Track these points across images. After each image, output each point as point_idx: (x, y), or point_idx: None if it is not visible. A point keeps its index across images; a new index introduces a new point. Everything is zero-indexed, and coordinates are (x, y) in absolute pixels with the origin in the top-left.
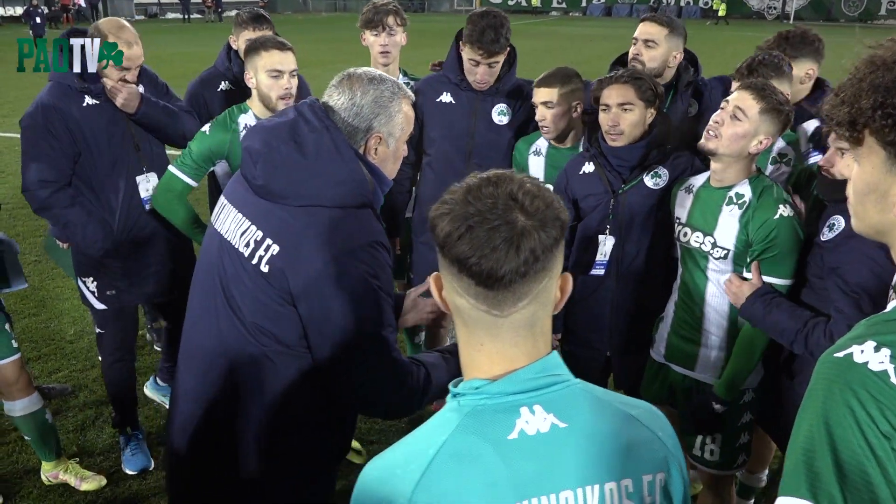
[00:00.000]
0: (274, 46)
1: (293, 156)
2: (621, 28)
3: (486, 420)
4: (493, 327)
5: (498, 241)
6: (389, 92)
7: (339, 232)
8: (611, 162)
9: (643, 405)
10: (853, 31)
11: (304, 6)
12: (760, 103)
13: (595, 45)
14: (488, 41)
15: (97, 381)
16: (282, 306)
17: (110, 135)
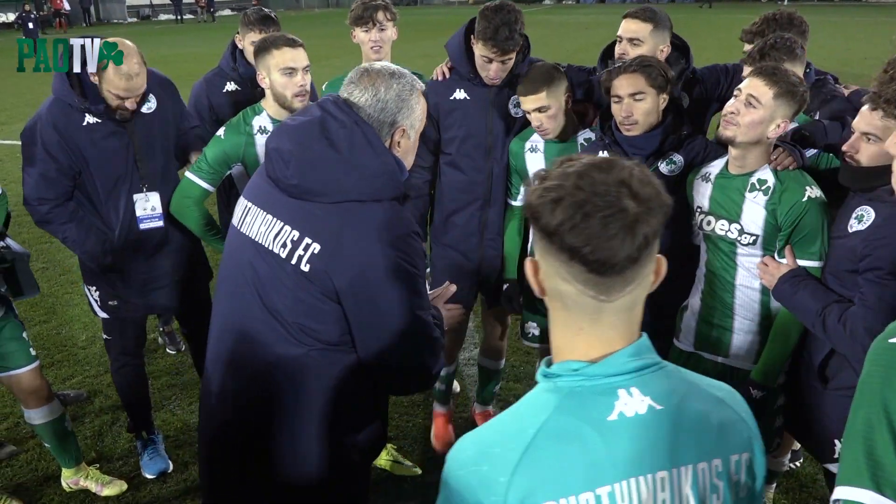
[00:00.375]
0: (285, 44)
1: (327, 152)
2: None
3: (586, 402)
4: (597, 312)
5: (614, 229)
6: (409, 86)
7: (378, 225)
8: (626, 151)
9: (726, 387)
10: (847, 11)
11: (297, 3)
12: (773, 88)
13: (590, 32)
14: (503, 39)
15: (112, 386)
16: (324, 303)
17: (111, 153)
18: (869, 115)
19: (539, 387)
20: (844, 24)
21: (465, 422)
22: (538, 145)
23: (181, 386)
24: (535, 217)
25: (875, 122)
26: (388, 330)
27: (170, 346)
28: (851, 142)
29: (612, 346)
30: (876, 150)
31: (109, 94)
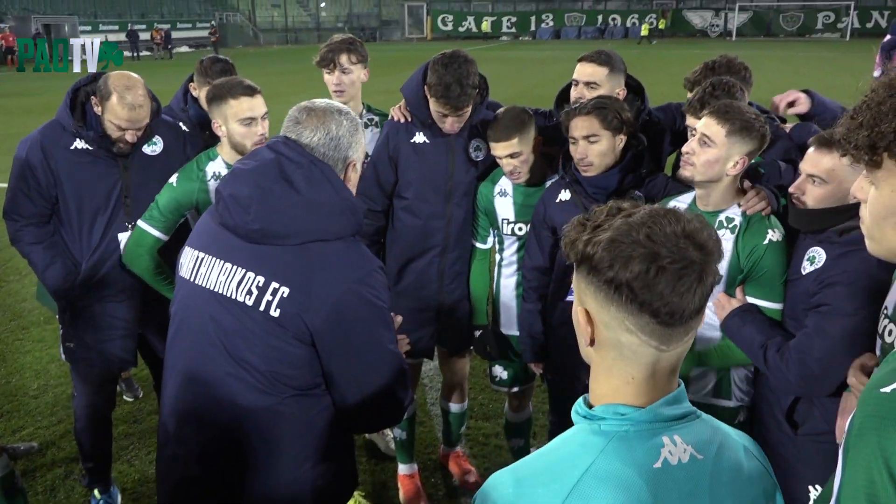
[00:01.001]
0: (242, 93)
1: (288, 194)
2: (570, 50)
3: (633, 447)
4: (654, 362)
5: (687, 282)
6: (355, 120)
7: (345, 263)
8: (586, 189)
9: (748, 438)
10: (792, 46)
11: (256, 40)
12: (726, 126)
13: (547, 67)
14: (455, 96)
15: (65, 437)
16: (297, 348)
17: (93, 183)
18: (816, 157)
19: (579, 427)
20: (790, 58)
21: (434, 464)
22: (507, 189)
23: (139, 435)
24: (596, 269)
25: (822, 165)
26: (362, 365)
27: (127, 392)
28: (798, 184)
29: (657, 393)
30: (822, 192)
31: (111, 125)
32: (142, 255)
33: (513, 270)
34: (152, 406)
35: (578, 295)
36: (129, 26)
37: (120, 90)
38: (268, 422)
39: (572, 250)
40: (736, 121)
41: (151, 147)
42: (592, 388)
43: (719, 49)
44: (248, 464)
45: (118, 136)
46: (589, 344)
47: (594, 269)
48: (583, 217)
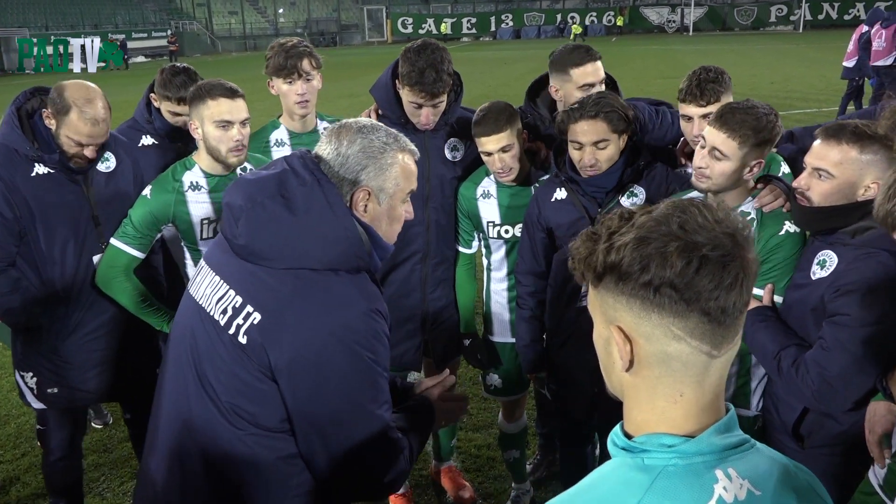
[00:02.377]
0: (222, 94)
1: (280, 212)
2: (531, 49)
3: (683, 484)
4: (705, 371)
5: (735, 271)
6: (381, 142)
7: (330, 298)
8: (584, 188)
9: (804, 468)
10: (747, 39)
11: (214, 47)
12: (736, 139)
13: (510, 67)
14: (430, 82)
15: (30, 472)
16: (262, 383)
17: (62, 208)
18: (823, 149)
19: (619, 462)
20: (747, 51)
21: (426, 481)
22: (490, 190)
23: (110, 465)
24: (627, 275)
25: (830, 158)
26: (331, 424)
27: (95, 419)
28: (803, 178)
29: (707, 416)
30: (828, 187)
31: (68, 140)
32: (117, 276)
33: (502, 275)
34: (124, 433)
35: (604, 314)
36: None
37: (80, 104)
38: (231, 460)
39: (588, 266)
40: (748, 132)
41: (105, 164)
42: (631, 416)
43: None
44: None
45: (75, 151)
46: (626, 367)
47: (625, 276)
48: (591, 230)
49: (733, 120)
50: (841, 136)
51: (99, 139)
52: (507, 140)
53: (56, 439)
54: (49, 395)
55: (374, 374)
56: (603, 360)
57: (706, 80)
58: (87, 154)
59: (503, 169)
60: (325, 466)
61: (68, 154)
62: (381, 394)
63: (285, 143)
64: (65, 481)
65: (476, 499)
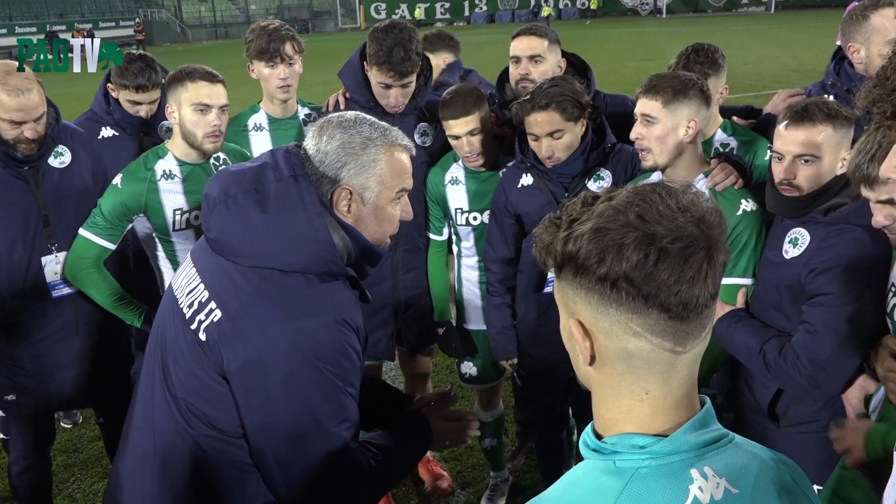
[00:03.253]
0: (202, 77)
1: (250, 208)
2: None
3: (656, 487)
4: (670, 368)
5: (698, 263)
6: (362, 137)
7: (293, 304)
8: (549, 173)
9: (791, 462)
10: (721, 20)
11: (184, 36)
12: (659, 99)
13: (484, 51)
14: (398, 60)
15: None
16: (218, 384)
17: (8, 208)
18: (800, 133)
19: (590, 465)
20: (720, 32)
21: None
22: (458, 176)
23: (80, 465)
24: (584, 268)
25: (812, 140)
26: (283, 439)
27: (65, 419)
28: (785, 168)
29: (678, 413)
30: (815, 169)
31: (2, 124)
32: (86, 267)
33: (473, 262)
34: (94, 432)
35: (566, 306)
36: (48, 27)
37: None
38: (187, 463)
39: (549, 255)
40: (668, 88)
41: (59, 159)
42: (598, 414)
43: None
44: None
45: (15, 135)
46: (588, 362)
47: (582, 269)
48: (554, 215)
49: (652, 84)
50: (814, 117)
51: (34, 113)
52: (475, 123)
53: (19, 448)
54: (6, 402)
55: (335, 389)
56: (570, 352)
57: (694, 62)
58: (28, 135)
59: (471, 153)
60: (279, 482)
61: (11, 142)
62: (342, 410)
63: (264, 127)
64: (30, 491)
65: (454, 488)
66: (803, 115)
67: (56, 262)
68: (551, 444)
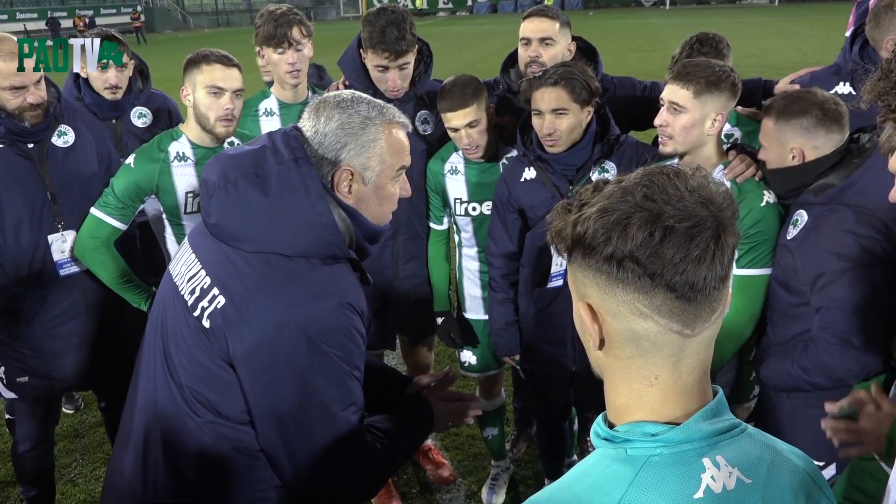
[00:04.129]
0: (217, 60)
1: (251, 193)
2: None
3: (668, 475)
4: (679, 352)
5: (704, 242)
6: (361, 117)
7: (298, 289)
8: (553, 166)
9: (802, 455)
10: (724, 13)
11: (185, 24)
12: (691, 87)
13: (487, 41)
14: (392, 40)
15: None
16: (223, 370)
17: (15, 186)
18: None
19: (601, 453)
20: (723, 24)
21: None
22: (458, 167)
23: (82, 450)
24: (591, 248)
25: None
26: (290, 423)
27: (66, 404)
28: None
29: (689, 400)
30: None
31: (4, 94)
32: (97, 247)
33: (473, 253)
34: (95, 417)
35: (577, 290)
36: (49, 14)
37: None
38: (193, 449)
39: (560, 239)
40: (700, 79)
41: (63, 138)
42: (610, 401)
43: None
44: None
45: (18, 103)
46: (598, 346)
47: (589, 249)
48: (566, 201)
49: (685, 72)
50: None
51: (32, 76)
52: (474, 115)
53: (26, 429)
54: (19, 384)
55: (341, 373)
56: (582, 338)
57: (698, 52)
58: (31, 100)
59: (470, 145)
60: (287, 467)
61: (15, 112)
62: (348, 394)
63: (274, 112)
64: (35, 471)
65: (455, 477)
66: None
67: (63, 241)
68: (553, 434)
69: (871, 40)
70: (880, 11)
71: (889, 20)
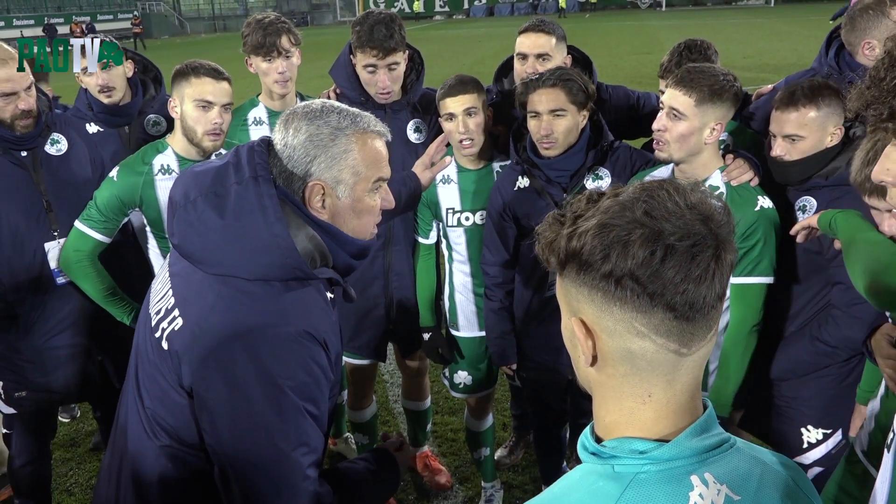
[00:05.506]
0: (206, 74)
1: (208, 214)
2: (505, 27)
3: (655, 493)
4: (674, 370)
5: (705, 261)
6: (331, 128)
7: (251, 315)
8: (546, 173)
9: (787, 461)
10: (720, 14)
11: (182, 29)
12: (693, 95)
13: (483, 45)
14: (380, 38)
15: None
16: (179, 395)
17: (11, 194)
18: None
19: (587, 468)
20: (720, 26)
21: None
22: (450, 175)
23: (78, 459)
24: (588, 264)
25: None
26: (239, 459)
27: (63, 413)
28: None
29: (679, 417)
30: (806, 146)
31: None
32: (80, 260)
33: (466, 269)
34: (91, 426)
35: (568, 304)
36: (46, 20)
37: None
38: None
39: (552, 252)
40: (703, 87)
41: (56, 146)
42: (599, 416)
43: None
44: None
45: (10, 111)
46: (590, 363)
47: (585, 266)
48: (558, 212)
49: (688, 78)
50: (799, 99)
51: (22, 81)
52: (472, 103)
53: (23, 444)
54: (17, 399)
55: (292, 408)
56: (570, 353)
57: (687, 59)
58: (22, 106)
59: (466, 133)
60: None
61: (8, 120)
62: (298, 433)
63: (264, 121)
64: (32, 484)
65: (452, 483)
66: (790, 99)
67: (59, 249)
68: (549, 441)
69: (847, 44)
70: (855, 15)
71: (864, 23)
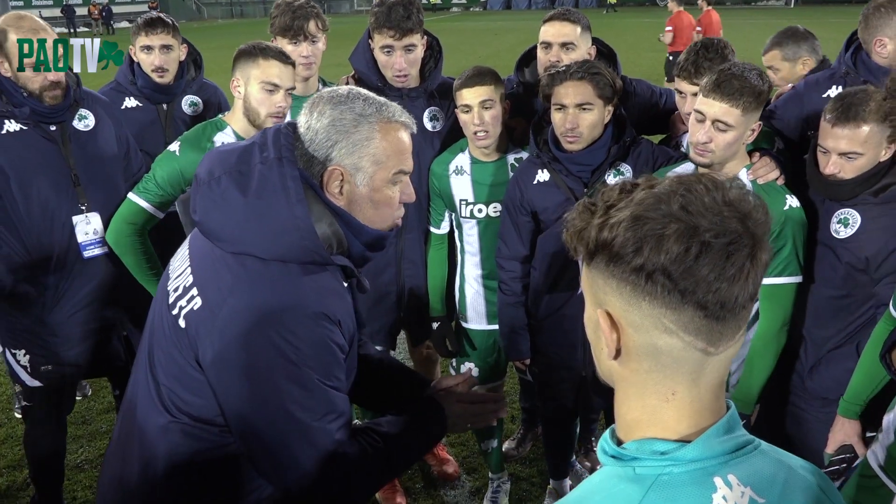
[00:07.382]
0: (275, 56)
1: (231, 192)
2: (522, 21)
3: (677, 496)
4: (699, 369)
5: (741, 261)
6: (354, 114)
7: (270, 295)
8: (568, 167)
9: (813, 468)
10: (739, 13)
11: (199, 14)
12: (740, 106)
13: (500, 38)
14: (398, 18)
15: (7, 443)
16: (196, 371)
17: (40, 167)
18: (846, 133)
19: (608, 471)
20: (739, 25)
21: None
22: (464, 166)
23: (89, 437)
24: (619, 256)
25: (858, 138)
26: (266, 431)
27: (80, 391)
28: (833, 164)
29: (703, 417)
30: (862, 162)
31: (27, 74)
32: (132, 234)
33: (478, 259)
34: (103, 404)
35: (594, 295)
36: (64, 1)
37: (13, 23)
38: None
39: (580, 241)
40: (749, 97)
41: (83, 122)
42: (620, 414)
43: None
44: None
45: (39, 81)
46: (613, 356)
47: (616, 258)
48: (589, 201)
49: (731, 88)
50: (855, 116)
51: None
52: (489, 94)
53: (42, 416)
54: (44, 372)
55: (314, 385)
56: (592, 344)
57: (704, 58)
58: (51, 78)
59: (481, 125)
60: (270, 473)
61: (37, 92)
62: (324, 404)
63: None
64: (47, 457)
65: (460, 473)
66: (846, 114)
67: (87, 223)
68: (559, 435)
69: (862, 42)
70: (868, 13)
71: (876, 21)
